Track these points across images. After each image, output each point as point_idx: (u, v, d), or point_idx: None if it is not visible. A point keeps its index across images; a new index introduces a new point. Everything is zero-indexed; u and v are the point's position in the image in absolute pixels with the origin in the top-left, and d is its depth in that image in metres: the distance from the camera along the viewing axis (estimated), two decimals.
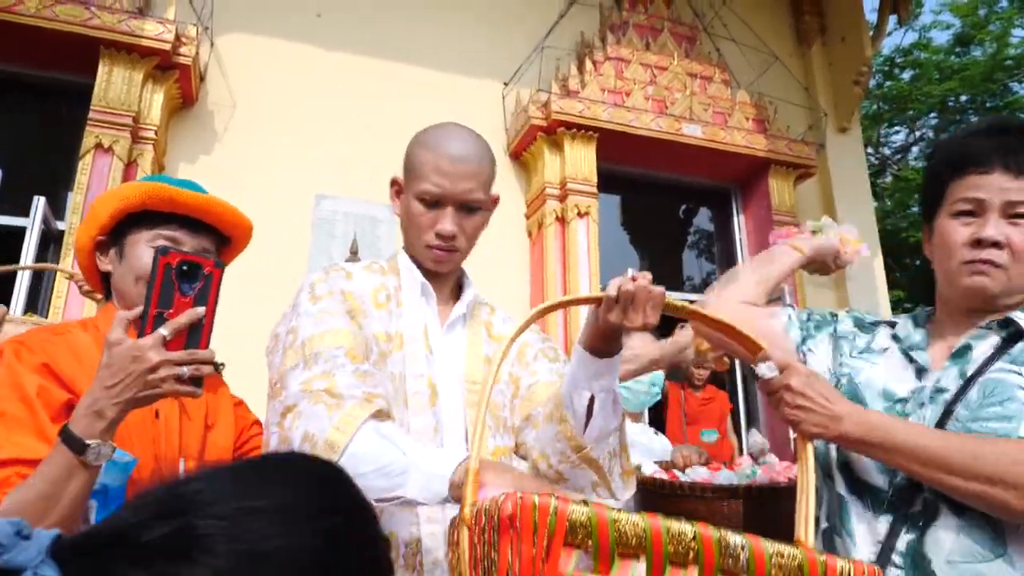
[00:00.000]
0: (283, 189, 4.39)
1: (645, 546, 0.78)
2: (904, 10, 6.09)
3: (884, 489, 1.21)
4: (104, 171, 3.87)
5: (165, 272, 1.11)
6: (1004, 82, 14.40)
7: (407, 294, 1.40)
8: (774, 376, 1.15)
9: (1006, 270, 1.20)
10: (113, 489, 1.18)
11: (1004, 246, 1.20)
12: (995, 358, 1.20)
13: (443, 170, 1.33)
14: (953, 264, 1.24)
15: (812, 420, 1.13)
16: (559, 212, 4.78)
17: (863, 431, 1.12)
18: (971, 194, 1.23)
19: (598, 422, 1.26)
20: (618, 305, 1.14)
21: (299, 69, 4.71)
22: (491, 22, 5.27)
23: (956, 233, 1.24)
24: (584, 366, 1.23)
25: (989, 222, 1.20)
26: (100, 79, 3.97)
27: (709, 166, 5.43)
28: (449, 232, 1.34)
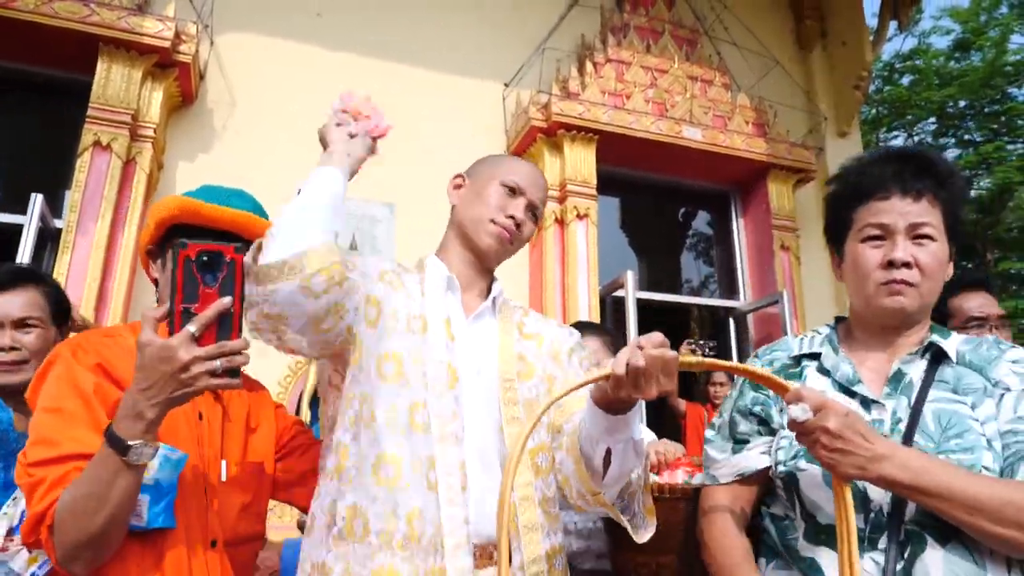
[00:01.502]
0: (282, 188, 4.35)
1: None
2: (905, 15, 6.10)
3: (862, 528, 1.19)
4: (103, 169, 3.85)
5: (185, 266, 1.10)
6: (1003, 88, 14.43)
7: (430, 286, 1.42)
8: (808, 418, 1.10)
9: (918, 288, 1.26)
10: (165, 484, 1.21)
11: (913, 266, 1.26)
12: (930, 383, 1.25)
13: (527, 173, 1.51)
14: (870, 286, 1.30)
15: (851, 462, 1.10)
16: (558, 214, 4.77)
17: (907, 475, 1.10)
18: (876, 219, 1.30)
19: (615, 470, 1.24)
20: (628, 380, 1.09)
21: (299, 68, 4.69)
22: (492, 23, 5.27)
23: (868, 256, 1.30)
24: (598, 422, 1.20)
25: (898, 244, 1.27)
26: (99, 76, 3.95)
27: (708, 169, 5.42)
28: (520, 218, 1.46)
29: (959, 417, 1.20)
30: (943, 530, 1.14)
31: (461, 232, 1.49)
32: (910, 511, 1.17)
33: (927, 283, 1.27)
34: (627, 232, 5.81)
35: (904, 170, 1.30)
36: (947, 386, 1.25)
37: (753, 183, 5.56)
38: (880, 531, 1.18)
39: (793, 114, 5.76)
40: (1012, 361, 1.25)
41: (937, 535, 1.14)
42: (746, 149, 5.22)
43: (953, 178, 1.31)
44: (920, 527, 1.15)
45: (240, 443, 1.45)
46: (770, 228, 5.37)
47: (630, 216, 5.81)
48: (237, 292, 1.12)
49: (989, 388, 1.22)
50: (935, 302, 1.32)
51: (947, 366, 1.27)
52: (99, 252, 3.74)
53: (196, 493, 1.31)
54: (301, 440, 1.57)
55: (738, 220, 5.77)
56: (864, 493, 1.21)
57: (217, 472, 1.36)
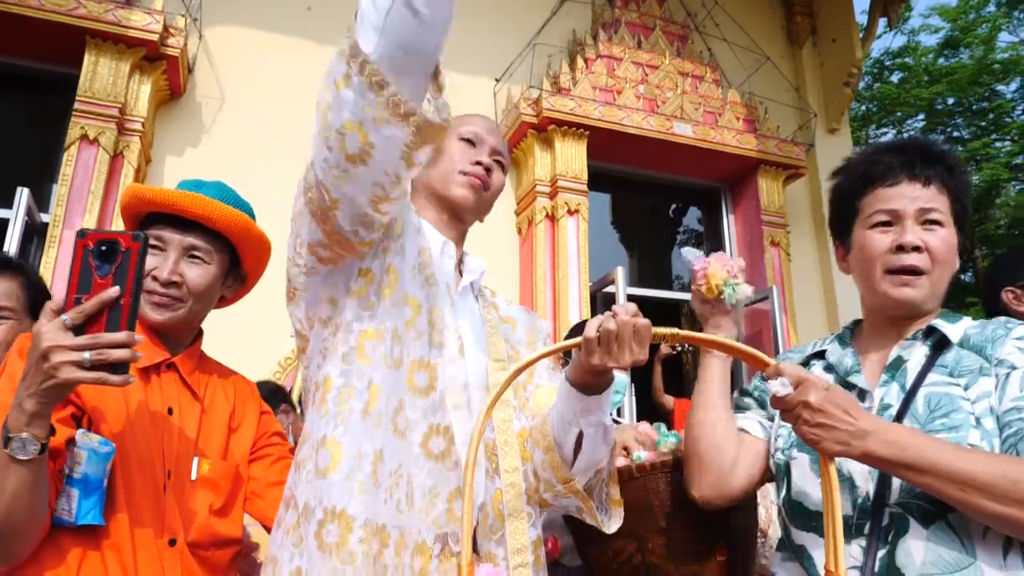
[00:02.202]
0: (271, 182, 4.35)
1: None
2: (894, 13, 6.12)
3: (850, 514, 1.18)
4: (89, 163, 3.82)
5: (84, 255, 1.05)
6: (991, 85, 14.52)
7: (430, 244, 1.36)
8: (788, 392, 1.07)
9: (928, 276, 1.25)
10: (94, 479, 1.18)
11: (923, 250, 1.24)
12: (929, 368, 1.23)
13: (480, 123, 1.46)
14: (877, 272, 1.28)
15: (834, 438, 1.06)
16: (549, 209, 4.77)
17: (892, 451, 1.06)
18: (885, 205, 1.28)
19: (586, 456, 1.23)
20: (600, 347, 1.08)
21: (288, 62, 4.66)
22: (483, 18, 5.25)
23: (876, 242, 1.28)
24: (571, 403, 1.19)
25: (907, 229, 1.25)
26: (86, 70, 3.92)
27: (699, 165, 5.43)
28: (487, 162, 1.41)
29: (949, 398, 1.17)
30: (927, 513, 1.12)
31: (431, 193, 1.42)
32: (893, 494, 1.15)
33: (937, 269, 1.25)
34: (618, 228, 5.82)
35: (913, 158, 1.29)
36: (945, 370, 1.22)
37: (743, 179, 5.57)
38: (867, 517, 1.16)
39: (783, 110, 5.78)
40: (1017, 338, 1.21)
41: (920, 518, 1.12)
42: (736, 145, 5.23)
43: (960, 168, 1.30)
44: (904, 510, 1.13)
45: (220, 442, 1.41)
46: (760, 224, 5.39)
47: (621, 212, 5.82)
48: (129, 284, 1.06)
49: (986, 367, 1.19)
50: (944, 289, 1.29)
51: (950, 351, 1.24)
52: None
53: (150, 489, 1.26)
54: (275, 450, 1.51)
55: (728, 216, 5.78)
56: (850, 480, 1.20)
57: (188, 470, 1.32)
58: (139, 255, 1.07)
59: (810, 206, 5.84)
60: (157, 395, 1.35)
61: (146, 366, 1.36)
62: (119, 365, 1.04)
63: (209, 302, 1.46)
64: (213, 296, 1.46)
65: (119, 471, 1.24)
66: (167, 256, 1.38)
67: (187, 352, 1.44)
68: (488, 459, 1.26)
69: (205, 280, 1.40)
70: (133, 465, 1.26)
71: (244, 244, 1.47)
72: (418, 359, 1.21)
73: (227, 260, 1.46)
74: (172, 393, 1.38)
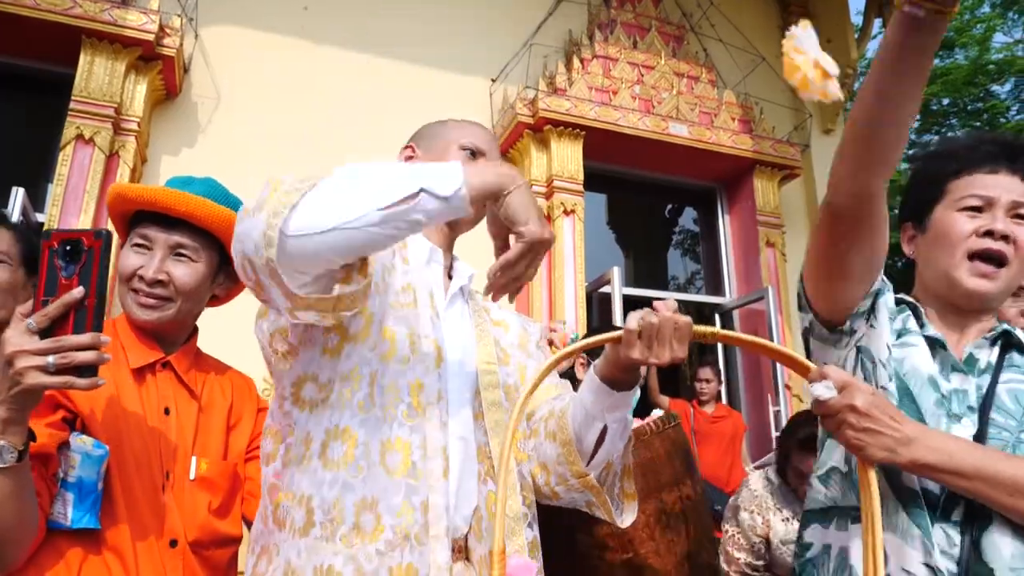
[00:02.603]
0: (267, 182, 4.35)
1: None
2: (889, 14, 6.13)
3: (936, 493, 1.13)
4: (85, 162, 3.82)
5: (49, 256, 1.03)
6: (986, 86, 14.55)
7: (413, 255, 1.33)
8: (832, 396, 1.03)
9: (1008, 268, 1.22)
10: (88, 482, 1.17)
11: (1011, 241, 1.21)
12: (1000, 367, 1.21)
13: (478, 134, 1.41)
14: (957, 255, 1.24)
15: (880, 444, 1.02)
16: (545, 210, 4.77)
17: (940, 457, 1.03)
18: (980, 191, 1.24)
19: (606, 450, 1.20)
20: (641, 341, 1.06)
21: (285, 62, 4.66)
22: (479, 18, 5.25)
23: (962, 224, 1.24)
24: (600, 399, 1.16)
25: (998, 217, 1.22)
26: (82, 69, 3.91)
27: (695, 166, 5.44)
28: None
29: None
30: None
31: None
32: None
33: (1017, 263, 1.22)
34: (614, 228, 5.82)
35: (1015, 151, 1.26)
36: (1017, 369, 1.20)
37: (739, 180, 5.58)
38: (956, 499, 1.11)
39: (779, 111, 5.79)
40: None
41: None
42: (732, 146, 5.24)
43: None
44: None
45: (219, 441, 1.40)
46: (755, 224, 5.40)
47: (617, 212, 5.83)
48: (93, 283, 1.03)
49: None
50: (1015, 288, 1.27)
51: (1017, 352, 1.23)
52: None
53: (149, 491, 1.26)
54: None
55: (724, 216, 5.79)
56: None
57: (186, 469, 1.31)
58: (102, 252, 1.04)
59: (805, 206, 5.86)
60: (153, 395, 1.34)
61: (140, 366, 1.35)
62: (86, 368, 1.02)
63: (199, 301, 1.44)
64: (203, 295, 1.44)
65: (116, 473, 1.23)
66: (153, 255, 1.36)
67: (182, 351, 1.43)
68: (480, 462, 1.24)
69: (192, 278, 1.38)
70: (130, 467, 1.25)
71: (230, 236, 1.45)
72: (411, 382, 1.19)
73: (216, 258, 1.44)
74: (168, 392, 1.37)
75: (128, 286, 1.37)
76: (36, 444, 1.14)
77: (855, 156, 1.15)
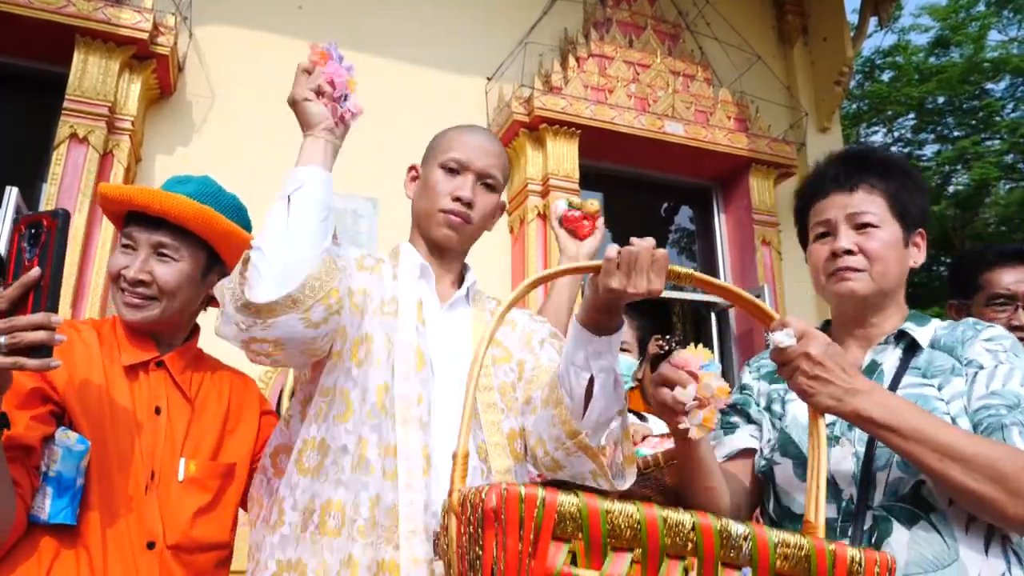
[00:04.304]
0: (263, 182, 4.33)
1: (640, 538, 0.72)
2: (884, 12, 6.14)
3: (834, 517, 1.19)
4: (79, 162, 3.80)
5: (18, 241, 1.05)
6: (981, 84, 14.58)
7: (404, 271, 1.38)
8: (791, 344, 1.08)
9: (867, 271, 1.30)
10: (67, 477, 1.17)
11: (857, 252, 1.30)
12: (903, 371, 1.27)
13: (469, 144, 1.43)
14: (823, 279, 1.36)
15: (829, 392, 1.07)
16: (541, 208, 4.77)
17: (882, 412, 1.07)
18: (820, 217, 1.37)
19: (598, 405, 1.20)
20: (620, 270, 1.09)
21: (280, 61, 4.64)
22: (475, 16, 5.24)
23: (817, 253, 1.37)
24: (582, 344, 1.17)
25: (840, 235, 1.32)
26: (75, 68, 3.89)
27: (690, 164, 5.44)
28: (467, 197, 1.39)
29: (924, 399, 1.20)
30: (910, 515, 1.14)
31: (418, 226, 1.46)
32: (877, 497, 1.17)
33: (877, 266, 1.30)
34: (610, 227, 5.82)
35: (839, 169, 1.37)
36: (918, 372, 1.26)
37: (734, 178, 5.58)
38: (851, 519, 1.18)
39: (774, 109, 5.79)
40: (986, 339, 1.26)
41: (904, 520, 1.14)
42: (728, 144, 5.24)
43: (890, 166, 1.36)
44: (888, 512, 1.15)
45: (211, 442, 1.39)
46: (751, 223, 5.40)
47: (612, 211, 5.82)
48: (49, 263, 1.04)
49: (958, 367, 1.23)
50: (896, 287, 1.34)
51: (921, 354, 1.28)
52: (76, 246, 3.69)
53: (131, 490, 1.25)
54: None
55: (720, 215, 5.79)
56: (834, 483, 1.21)
57: (174, 470, 1.31)
58: (58, 232, 1.05)
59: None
60: (144, 394, 1.34)
61: (133, 364, 1.35)
62: (39, 348, 1.01)
63: (188, 300, 1.43)
64: (190, 294, 1.43)
65: (95, 471, 1.22)
66: (137, 255, 1.37)
67: (178, 351, 1.43)
68: (482, 461, 1.26)
69: (174, 278, 1.38)
70: (113, 464, 1.24)
71: (215, 239, 1.43)
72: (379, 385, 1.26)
73: (204, 257, 1.44)
74: (160, 392, 1.36)
75: (116, 285, 1.38)
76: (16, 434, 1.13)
77: None
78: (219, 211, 1.43)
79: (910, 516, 1.14)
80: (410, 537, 1.13)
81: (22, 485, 1.15)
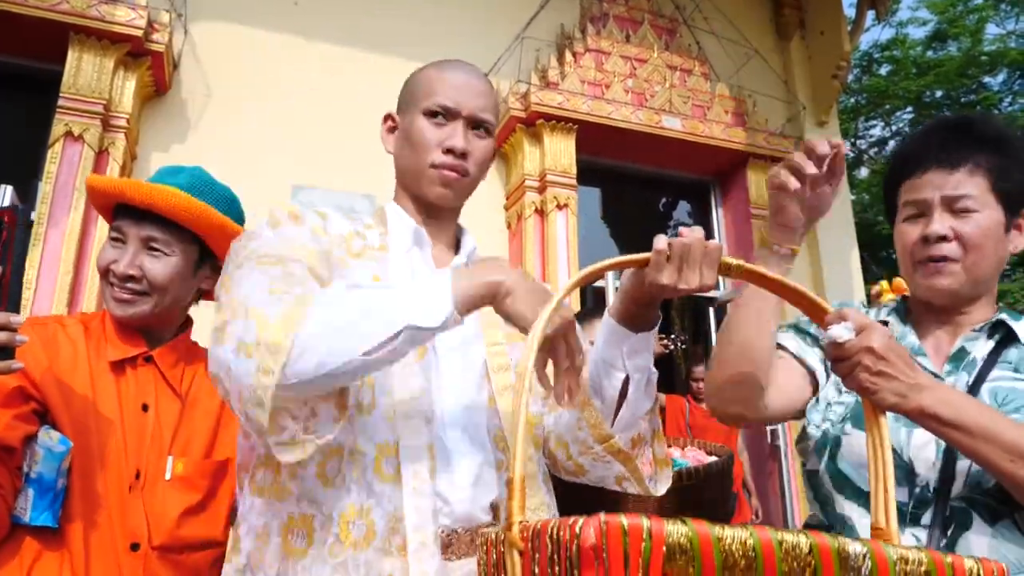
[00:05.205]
0: (258, 180, 4.32)
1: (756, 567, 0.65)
2: (882, 6, 6.13)
3: (905, 502, 1.13)
4: (74, 160, 3.79)
5: None
6: (978, 78, 14.57)
7: (395, 241, 1.21)
8: (850, 338, 0.99)
9: (960, 262, 1.20)
10: (47, 479, 1.15)
11: (952, 239, 1.20)
12: (993, 363, 1.19)
13: (454, 85, 1.22)
14: (909, 266, 1.26)
15: (893, 388, 0.99)
16: (538, 204, 4.75)
17: (947, 410, 1.01)
18: (912, 196, 1.25)
19: (630, 407, 1.10)
20: (670, 263, 1.00)
21: (275, 58, 4.63)
22: (471, 12, 5.22)
23: (906, 235, 1.26)
24: (618, 342, 1.07)
25: (934, 219, 1.21)
26: (70, 66, 3.87)
27: (688, 159, 5.43)
28: (461, 147, 1.18)
29: (1016, 393, 1.13)
30: (993, 510, 1.08)
31: (405, 185, 1.26)
32: (957, 488, 1.10)
33: (972, 256, 1.19)
34: (607, 222, 5.81)
35: (943, 140, 1.23)
36: (1009, 366, 1.18)
37: (732, 173, 5.57)
38: (925, 507, 1.12)
39: (772, 103, 5.78)
40: None
41: (986, 514, 1.08)
42: (725, 139, 5.23)
43: (1001, 140, 1.22)
44: (968, 504, 1.09)
45: (203, 440, 1.35)
46: (749, 218, 5.39)
47: (610, 206, 5.81)
48: (9, 259, 1.01)
49: None
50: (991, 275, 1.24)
51: (1014, 347, 1.20)
52: (71, 244, 3.68)
53: (114, 490, 1.22)
54: None
55: (718, 210, 5.79)
56: (910, 467, 1.15)
57: (161, 469, 1.27)
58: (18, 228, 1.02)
59: None
60: (131, 390, 1.31)
61: (120, 359, 1.31)
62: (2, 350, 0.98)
63: (179, 295, 1.39)
64: (181, 288, 1.39)
65: (78, 471, 1.20)
66: (126, 249, 1.33)
67: (169, 345, 1.39)
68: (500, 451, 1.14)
69: (165, 272, 1.34)
70: (95, 464, 1.21)
71: (206, 233, 1.39)
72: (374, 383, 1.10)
73: (195, 251, 1.40)
74: (148, 388, 1.33)
75: (105, 280, 1.34)
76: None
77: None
78: (211, 203, 1.38)
79: (994, 512, 1.08)
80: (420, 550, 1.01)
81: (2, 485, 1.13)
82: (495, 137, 1.28)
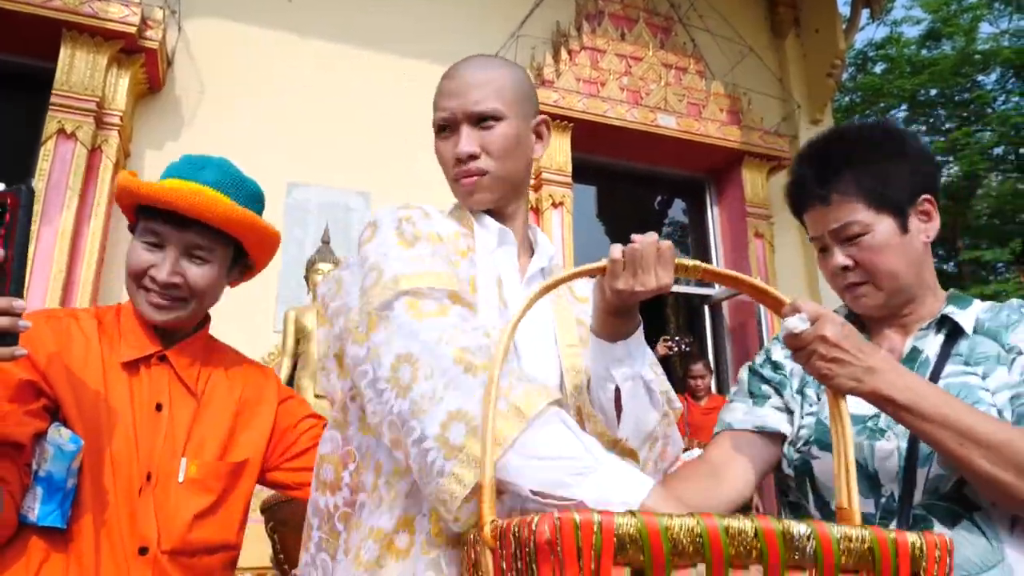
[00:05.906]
0: (252, 176, 4.30)
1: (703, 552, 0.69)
2: (877, 4, 6.13)
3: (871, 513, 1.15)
4: (67, 157, 3.77)
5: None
6: (972, 76, 14.62)
7: (480, 242, 1.21)
8: (806, 328, 1.03)
9: (871, 283, 1.24)
10: (57, 478, 1.12)
11: (854, 267, 1.23)
12: (945, 359, 1.21)
13: (451, 91, 1.24)
14: (838, 291, 1.30)
15: (848, 373, 1.02)
16: (533, 202, 4.75)
17: (901, 394, 1.03)
18: (810, 233, 1.31)
19: (632, 415, 1.12)
20: (626, 270, 1.02)
21: (269, 55, 4.61)
22: (465, 9, 5.21)
23: (824, 268, 1.30)
24: (601, 355, 1.10)
25: (833, 253, 1.25)
26: (62, 63, 3.86)
27: (683, 157, 5.43)
28: (465, 152, 1.18)
29: (968, 388, 1.15)
30: (952, 513, 1.09)
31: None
32: (918, 496, 1.12)
33: (879, 276, 1.22)
34: (602, 220, 5.81)
35: (815, 173, 1.26)
36: (960, 359, 1.20)
37: (727, 171, 5.58)
38: (891, 516, 1.13)
39: (767, 102, 5.79)
40: None
41: (946, 519, 1.10)
42: (720, 137, 5.23)
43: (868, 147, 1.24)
44: (927, 511, 1.11)
45: (219, 439, 1.31)
46: (744, 216, 5.40)
47: (605, 204, 5.81)
48: (12, 243, 0.98)
49: (1003, 355, 1.17)
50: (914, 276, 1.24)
51: (963, 339, 1.22)
52: (64, 242, 3.66)
53: (124, 492, 1.19)
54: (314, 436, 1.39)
55: (713, 208, 5.79)
56: (875, 478, 1.16)
57: (174, 471, 1.24)
58: (21, 211, 0.99)
59: None
60: (144, 390, 1.27)
61: (134, 359, 1.28)
62: (3, 336, 0.95)
63: (214, 297, 1.37)
64: (218, 292, 1.37)
65: (88, 471, 1.17)
66: (165, 254, 1.27)
67: (185, 343, 1.35)
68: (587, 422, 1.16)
69: (208, 279, 1.30)
70: (106, 465, 1.18)
71: (251, 240, 1.37)
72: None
73: (231, 252, 1.36)
74: (162, 388, 1.29)
75: (138, 283, 1.28)
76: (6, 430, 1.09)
77: None
78: (243, 201, 1.35)
79: (952, 515, 1.10)
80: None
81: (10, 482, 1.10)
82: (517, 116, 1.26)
